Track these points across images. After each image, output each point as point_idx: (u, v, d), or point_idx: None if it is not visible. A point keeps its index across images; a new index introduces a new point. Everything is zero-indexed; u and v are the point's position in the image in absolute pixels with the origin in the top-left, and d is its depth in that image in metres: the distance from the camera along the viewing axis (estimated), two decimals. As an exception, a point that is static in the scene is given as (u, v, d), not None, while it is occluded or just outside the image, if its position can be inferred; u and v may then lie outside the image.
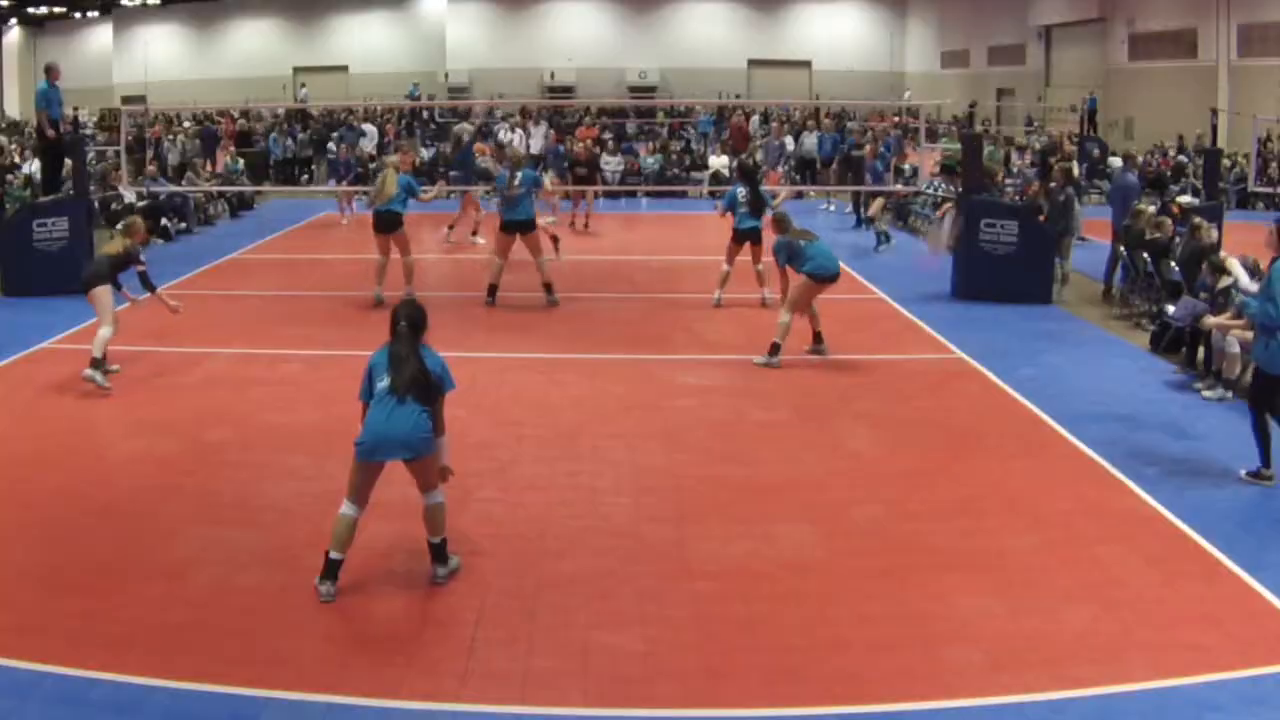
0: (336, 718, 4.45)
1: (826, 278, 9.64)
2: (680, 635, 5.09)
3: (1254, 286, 7.90)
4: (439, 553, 5.67)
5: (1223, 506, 6.62)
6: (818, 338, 9.94)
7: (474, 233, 16.52)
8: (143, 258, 9.20)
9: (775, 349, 9.55)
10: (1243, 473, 7.03)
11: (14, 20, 43.04)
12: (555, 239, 14.04)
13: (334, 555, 5.44)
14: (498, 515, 6.43)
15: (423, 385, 5.49)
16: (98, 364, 8.74)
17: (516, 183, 11.79)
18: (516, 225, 11.93)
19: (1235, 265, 8.53)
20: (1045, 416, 8.31)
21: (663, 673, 4.78)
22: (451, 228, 16.88)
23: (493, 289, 12.02)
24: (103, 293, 8.91)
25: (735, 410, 8.48)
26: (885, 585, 5.59)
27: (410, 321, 5.57)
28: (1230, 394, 8.72)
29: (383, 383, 5.50)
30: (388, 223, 11.74)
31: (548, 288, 12.06)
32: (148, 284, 9.22)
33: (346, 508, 5.50)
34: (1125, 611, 5.30)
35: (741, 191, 11.84)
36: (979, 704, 4.53)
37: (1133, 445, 7.68)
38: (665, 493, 6.80)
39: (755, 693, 4.65)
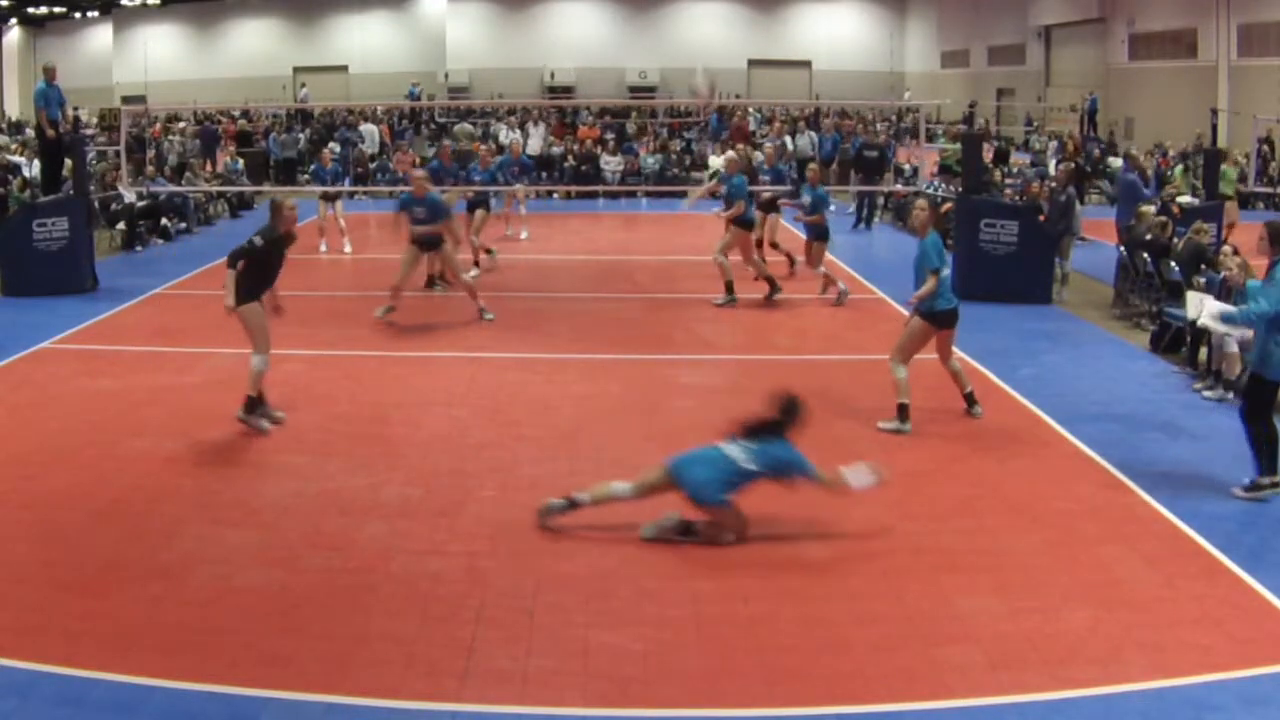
0: (336, 718, 4.45)
1: (947, 315, 8.07)
2: (680, 635, 5.09)
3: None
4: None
5: (1222, 506, 6.62)
6: (970, 399, 8.34)
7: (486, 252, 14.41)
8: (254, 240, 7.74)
9: (903, 411, 7.98)
10: (1238, 490, 6.77)
11: (14, 20, 43.01)
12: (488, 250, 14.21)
13: (580, 496, 6.12)
14: (498, 515, 6.42)
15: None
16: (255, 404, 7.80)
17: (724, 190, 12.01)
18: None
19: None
20: (1045, 416, 8.32)
21: (663, 673, 4.78)
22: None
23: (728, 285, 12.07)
24: (247, 312, 7.73)
25: (735, 410, 8.44)
26: (885, 585, 5.59)
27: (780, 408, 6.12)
28: (1230, 394, 8.71)
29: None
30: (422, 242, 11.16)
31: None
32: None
33: (622, 487, 6.10)
34: (1125, 611, 5.31)
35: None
36: (979, 704, 4.53)
37: (1133, 445, 7.68)
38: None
39: (755, 693, 4.65)
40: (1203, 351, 9.47)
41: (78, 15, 43.87)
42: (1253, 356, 6.94)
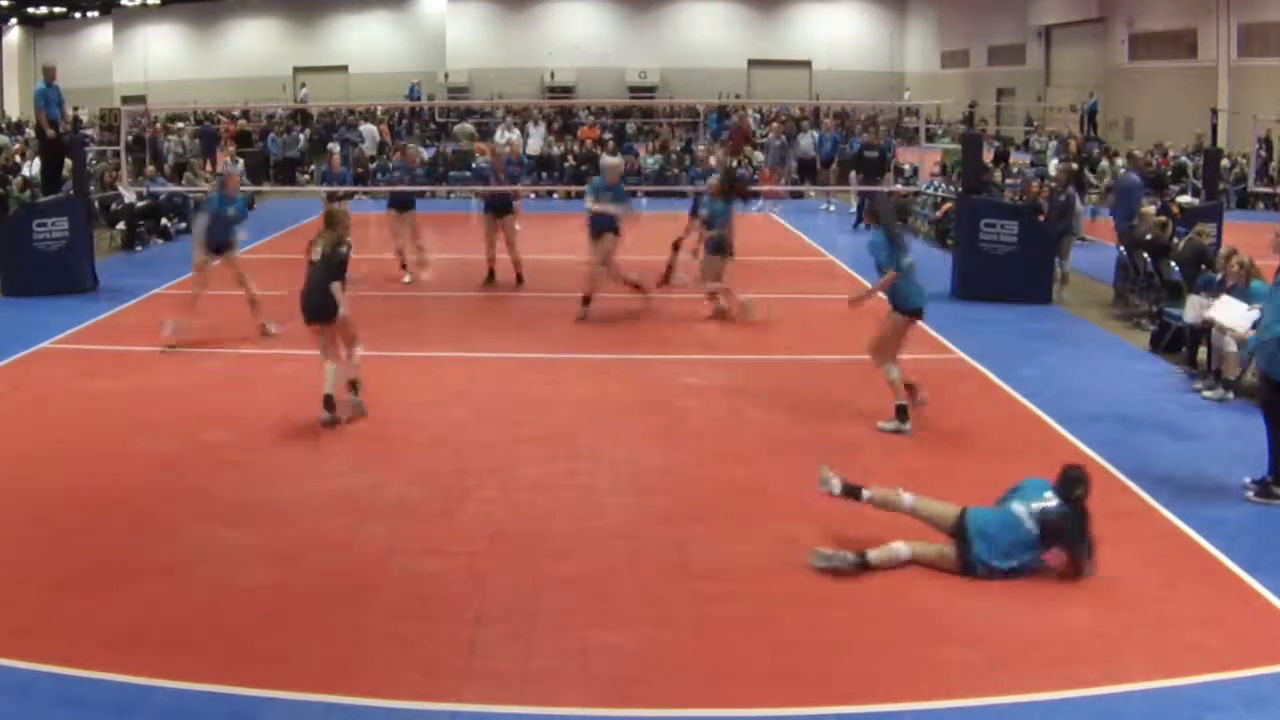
0: (336, 718, 4.45)
1: (917, 312, 8.05)
2: (680, 635, 5.09)
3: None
4: None
5: (1222, 506, 6.61)
6: (911, 390, 8.20)
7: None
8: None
9: (902, 412, 7.96)
10: (1250, 494, 6.72)
11: (14, 20, 43.02)
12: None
13: (871, 555, 5.71)
14: (498, 515, 6.42)
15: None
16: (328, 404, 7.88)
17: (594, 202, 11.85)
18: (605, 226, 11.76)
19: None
20: (1045, 416, 8.31)
21: (663, 673, 4.78)
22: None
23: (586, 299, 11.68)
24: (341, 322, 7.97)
25: (735, 410, 8.48)
26: (885, 585, 5.59)
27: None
28: (1230, 394, 8.71)
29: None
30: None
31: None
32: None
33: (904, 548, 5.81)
34: (1125, 611, 5.30)
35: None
36: (979, 704, 4.53)
37: (1133, 445, 7.68)
38: (665, 493, 6.79)
39: (756, 693, 4.64)
40: (1202, 351, 9.47)
41: (78, 15, 43.88)
42: (1260, 358, 6.93)
